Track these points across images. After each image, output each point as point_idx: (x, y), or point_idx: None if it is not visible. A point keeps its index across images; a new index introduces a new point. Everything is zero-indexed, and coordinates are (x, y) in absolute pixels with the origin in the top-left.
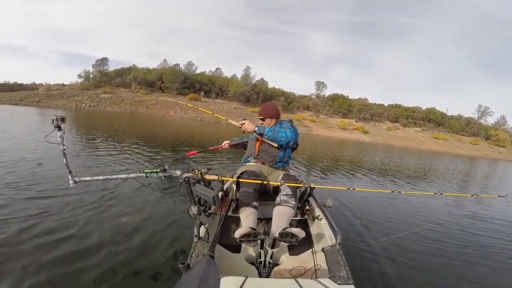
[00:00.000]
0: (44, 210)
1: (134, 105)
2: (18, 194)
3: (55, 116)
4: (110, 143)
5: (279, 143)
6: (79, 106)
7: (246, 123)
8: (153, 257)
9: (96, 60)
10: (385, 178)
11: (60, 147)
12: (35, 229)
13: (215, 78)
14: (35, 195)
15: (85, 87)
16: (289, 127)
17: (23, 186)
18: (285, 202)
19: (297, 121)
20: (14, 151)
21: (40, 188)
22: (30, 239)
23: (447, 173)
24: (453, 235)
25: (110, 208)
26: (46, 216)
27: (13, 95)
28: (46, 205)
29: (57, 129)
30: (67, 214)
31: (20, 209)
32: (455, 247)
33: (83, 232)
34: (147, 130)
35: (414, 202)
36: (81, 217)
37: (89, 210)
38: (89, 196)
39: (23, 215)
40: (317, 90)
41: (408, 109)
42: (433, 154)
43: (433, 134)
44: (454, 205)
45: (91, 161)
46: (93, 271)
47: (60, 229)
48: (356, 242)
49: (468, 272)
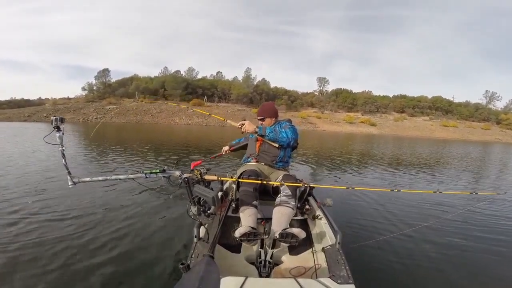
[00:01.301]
0: (44, 209)
1: (140, 114)
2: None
3: (54, 117)
4: (120, 152)
5: (280, 143)
6: (86, 118)
7: (246, 124)
8: (153, 258)
9: (98, 72)
10: (389, 174)
11: (59, 148)
12: (35, 229)
13: (216, 82)
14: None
15: (90, 100)
16: (289, 126)
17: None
18: (285, 203)
19: (302, 118)
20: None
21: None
22: (29, 239)
23: (463, 162)
24: (452, 234)
25: (109, 208)
26: (46, 216)
27: (21, 111)
28: (47, 204)
29: (56, 130)
30: (67, 214)
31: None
32: (455, 246)
33: (82, 232)
34: (154, 137)
35: (414, 201)
36: (80, 217)
37: (88, 211)
38: (88, 197)
39: (22, 214)
40: (319, 86)
41: (413, 98)
42: (444, 142)
43: (442, 122)
44: (454, 203)
45: (100, 167)
46: (92, 271)
47: (60, 228)
48: (356, 241)
49: (467, 270)
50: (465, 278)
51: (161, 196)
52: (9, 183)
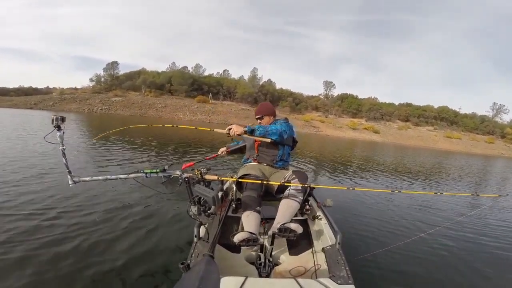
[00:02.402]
0: (44, 209)
1: (144, 108)
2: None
3: (55, 116)
4: (122, 143)
5: (271, 136)
6: (91, 109)
7: (233, 127)
8: (153, 257)
9: (107, 64)
10: (389, 178)
11: (59, 147)
12: (34, 229)
13: (222, 80)
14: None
15: (96, 91)
16: (283, 123)
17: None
18: (293, 196)
19: (305, 121)
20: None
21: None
22: (28, 239)
23: (460, 172)
24: (452, 235)
25: (109, 208)
26: (46, 215)
27: (28, 99)
28: (47, 205)
29: (57, 129)
30: (67, 214)
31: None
32: (454, 246)
33: (81, 232)
34: (158, 131)
35: (414, 202)
36: (80, 217)
37: (88, 210)
38: (88, 196)
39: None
40: (325, 90)
41: (419, 107)
42: (447, 154)
43: (446, 133)
44: (455, 205)
45: (103, 162)
46: (92, 271)
47: (59, 228)
48: (356, 241)
49: (467, 270)
50: (465, 278)
51: (161, 195)
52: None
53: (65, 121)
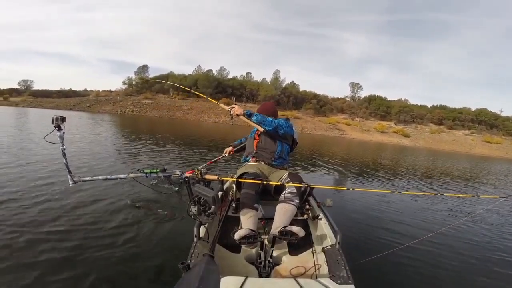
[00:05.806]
0: (44, 209)
1: (172, 110)
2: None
3: (55, 116)
4: (157, 143)
5: (265, 126)
6: (123, 111)
7: (236, 107)
8: (153, 257)
9: (138, 68)
10: (397, 180)
11: (59, 147)
12: (34, 229)
13: (245, 83)
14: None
15: (128, 93)
16: (281, 119)
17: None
18: (289, 200)
19: (330, 124)
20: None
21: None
22: (28, 239)
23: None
24: (452, 236)
25: (109, 208)
26: (46, 215)
27: (67, 101)
28: (47, 205)
29: (57, 129)
30: (66, 214)
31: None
32: (454, 246)
33: (81, 232)
34: (184, 133)
35: (414, 203)
36: (79, 217)
37: (88, 210)
38: (88, 196)
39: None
40: (352, 92)
41: (454, 110)
42: (484, 159)
43: (485, 137)
44: (455, 206)
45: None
46: (92, 271)
47: (59, 227)
48: (356, 241)
49: (467, 272)
50: (465, 278)
51: (161, 195)
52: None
53: (65, 121)
